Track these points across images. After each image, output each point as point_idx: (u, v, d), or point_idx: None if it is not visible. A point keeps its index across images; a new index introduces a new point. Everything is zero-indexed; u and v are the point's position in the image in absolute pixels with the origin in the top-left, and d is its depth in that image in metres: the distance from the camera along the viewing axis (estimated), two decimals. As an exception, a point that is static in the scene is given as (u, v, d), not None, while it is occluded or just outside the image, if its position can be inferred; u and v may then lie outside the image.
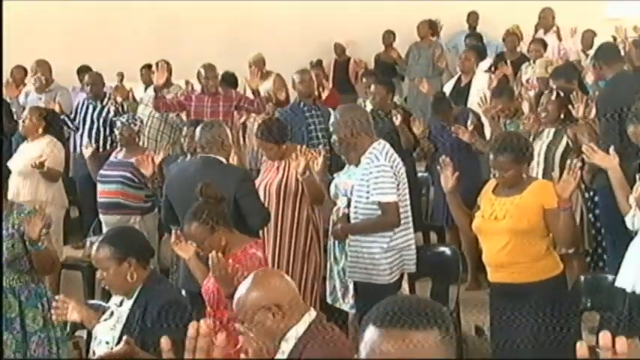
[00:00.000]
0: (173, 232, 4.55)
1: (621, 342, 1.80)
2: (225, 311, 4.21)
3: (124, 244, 3.78)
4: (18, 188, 6.80)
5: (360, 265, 4.92)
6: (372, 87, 7.52)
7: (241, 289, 3.08)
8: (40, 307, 4.79)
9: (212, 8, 11.05)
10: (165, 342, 2.02)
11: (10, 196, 5.86)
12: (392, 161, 4.84)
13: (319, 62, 11.13)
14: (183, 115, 8.16)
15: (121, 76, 9.72)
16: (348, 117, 4.92)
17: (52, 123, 7.31)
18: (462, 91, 8.36)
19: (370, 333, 1.99)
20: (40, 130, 7.10)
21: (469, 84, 8.40)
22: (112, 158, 6.76)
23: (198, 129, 5.35)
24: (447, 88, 8.61)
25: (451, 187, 4.70)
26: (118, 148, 6.84)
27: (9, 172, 5.10)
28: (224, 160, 5.22)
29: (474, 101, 7.88)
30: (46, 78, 9.28)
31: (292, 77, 7.54)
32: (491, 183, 4.65)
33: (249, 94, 8.24)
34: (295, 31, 11.47)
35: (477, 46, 9.55)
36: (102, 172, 6.65)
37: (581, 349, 1.84)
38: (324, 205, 5.97)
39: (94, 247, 3.82)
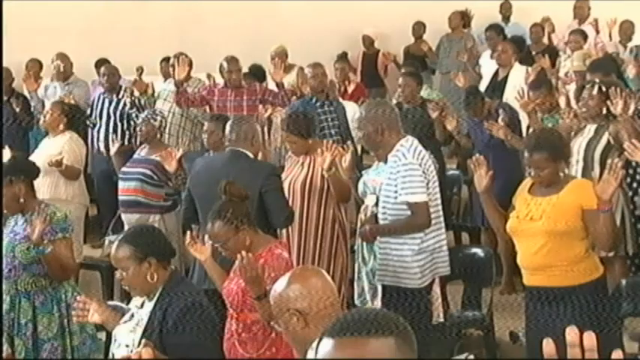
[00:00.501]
0: (188, 232, 4.56)
1: (590, 337, 1.74)
2: (250, 314, 4.22)
3: (144, 243, 3.78)
4: (37, 186, 6.80)
5: (389, 268, 4.90)
6: (401, 79, 7.53)
7: (274, 287, 3.10)
8: (56, 314, 4.77)
9: (235, -2, 11.09)
10: None
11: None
12: (420, 158, 4.81)
13: (344, 55, 11.10)
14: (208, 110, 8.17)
15: (141, 70, 9.74)
16: (374, 113, 4.90)
17: (75, 119, 7.35)
18: (498, 86, 8.30)
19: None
20: (62, 126, 7.13)
21: (506, 78, 8.33)
22: (135, 155, 6.80)
23: (228, 123, 5.42)
24: (485, 82, 8.55)
25: (484, 186, 4.66)
26: (143, 145, 6.86)
27: (38, 170, 5.11)
28: (252, 156, 5.27)
29: (510, 96, 7.84)
30: (66, 69, 9.31)
31: (305, 71, 7.52)
32: (527, 182, 4.62)
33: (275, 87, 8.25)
34: (321, 23, 11.44)
35: (515, 38, 9.48)
36: (123, 168, 6.70)
37: (616, 356, 1.81)
38: (351, 204, 5.99)
39: (114, 246, 3.82)
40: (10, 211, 4.88)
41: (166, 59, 9.16)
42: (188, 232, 4.56)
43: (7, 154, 7.08)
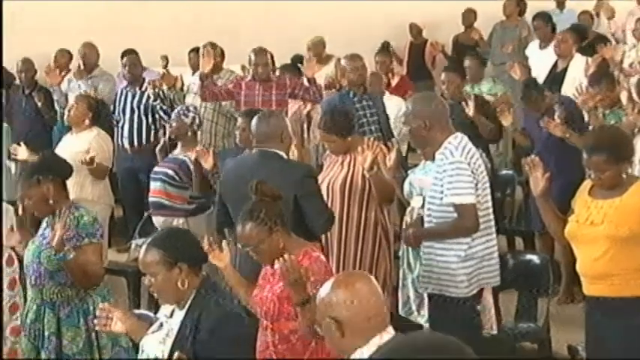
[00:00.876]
0: (205, 239, 4.53)
1: None
2: (288, 322, 4.21)
3: (174, 247, 3.76)
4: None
5: (433, 275, 4.87)
6: (443, 75, 7.52)
7: (320, 291, 3.11)
8: (82, 327, 4.75)
9: (271, -15, 11.10)
10: None
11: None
12: (469, 157, 4.77)
13: (386, 46, 11.05)
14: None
15: (166, 60, 9.75)
16: (421, 107, 4.87)
17: (100, 114, 7.39)
18: (558, 78, 8.20)
19: None
20: (87, 122, 7.18)
21: (566, 69, 8.23)
22: (170, 154, 6.82)
23: (254, 120, 5.37)
24: (543, 74, 8.45)
25: (541, 190, 4.60)
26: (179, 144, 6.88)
27: (70, 169, 5.09)
28: (284, 155, 5.23)
29: (569, 89, 7.75)
30: (90, 61, 9.37)
31: (342, 63, 7.49)
32: (587, 183, 4.56)
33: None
34: (363, 10, 11.42)
35: (576, 26, 9.36)
36: (155, 168, 6.74)
37: None
38: (395, 205, 5.95)
39: (141, 250, 3.80)
40: (40, 213, 4.88)
41: (196, 50, 9.16)
42: (206, 238, 4.53)
43: (23, 151, 7.17)
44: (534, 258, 5.94)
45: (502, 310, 5.77)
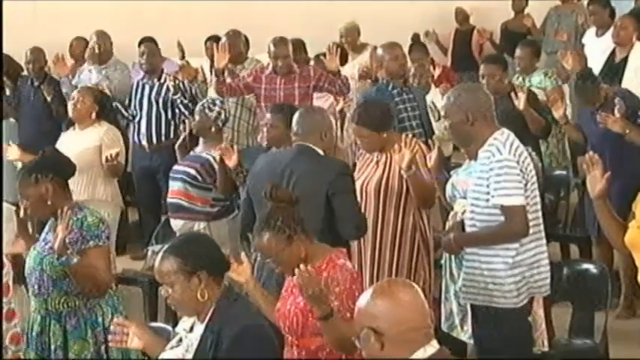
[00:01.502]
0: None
1: None
2: (314, 338, 4.20)
3: (193, 254, 3.77)
4: (72, 186, 6.89)
5: (478, 285, 4.84)
6: (482, 68, 7.50)
7: (360, 299, 3.15)
8: (90, 340, 4.75)
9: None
10: None
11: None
12: (518, 155, 4.74)
13: (416, 40, 10.98)
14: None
15: (182, 49, 9.72)
16: (464, 99, 4.82)
17: (106, 108, 7.41)
18: (616, 69, 8.13)
19: None
20: (94, 116, 7.21)
21: (625, 59, 8.15)
22: (191, 152, 6.84)
23: (296, 115, 5.46)
24: (599, 64, 8.38)
25: (599, 191, 4.57)
26: (201, 140, 6.88)
27: (73, 168, 5.09)
28: (320, 152, 5.29)
29: (628, 83, 7.68)
30: (104, 50, 9.41)
31: (379, 53, 7.45)
32: (650, 186, 4.53)
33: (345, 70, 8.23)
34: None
35: (638, 12, 9.25)
36: (174, 166, 6.77)
37: None
38: (436, 209, 5.91)
39: (157, 258, 3.81)
40: (38, 214, 4.90)
41: (214, 38, 9.14)
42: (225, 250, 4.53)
43: (13, 151, 7.21)
44: (591, 267, 5.91)
45: (555, 325, 5.76)
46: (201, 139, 6.75)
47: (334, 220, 5.09)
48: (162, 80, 8.41)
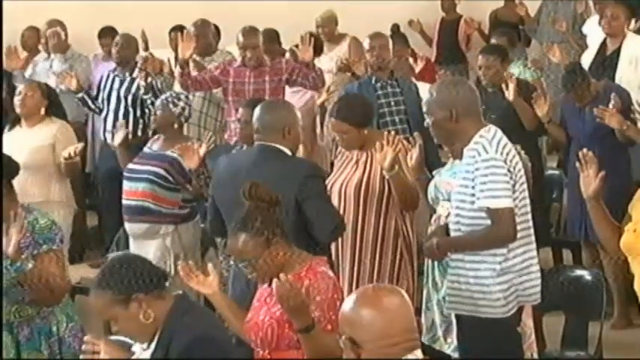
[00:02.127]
0: (181, 264, 4.54)
1: None
2: (289, 351, 4.21)
3: (121, 280, 3.80)
4: (24, 187, 6.87)
5: (463, 294, 4.84)
6: (481, 58, 7.53)
7: (344, 303, 3.18)
8: (45, 351, 4.75)
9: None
10: None
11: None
12: (505, 154, 4.74)
13: (395, 31, 11.02)
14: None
15: (145, 40, 9.73)
16: (447, 95, 4.83)
17: (55, 103, 7.41)
18: (607, 61, 8.19)
19: None
20: (42, 112, 7.21)
21: (617, 51, 8.22)
22: (145, 148, 6.85)
23: (256, 110, 5.37)
24: (588, 57, 8.45)
25: (594, 191, 4.63)
26: (155, 136, 6.91)
27: (16, 167, 5.09)
28: (287, 152, 5.24)
29: (624, 75, 7.75)
30: (62, 42, 9.41)
31: (365, 45, 7.51)
32: (647, 187, 4.59)
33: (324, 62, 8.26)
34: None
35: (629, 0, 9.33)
36: (130, 165, 6.74)
37: None
38: (419, 213, 5.96)
39: (90, 297, 3.86)
40: None
41: (179, 28, 9.16)
42: (181, 263, 4.54)
43: None
44: (585, 274, 5.93)
45: (546, 336, 5.80)
46: (160, 137, 6.77)
47: (306, 226, 5.05)
48: (134, 75, 8.44)
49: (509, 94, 7.21)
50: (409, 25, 11.73)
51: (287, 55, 8.92)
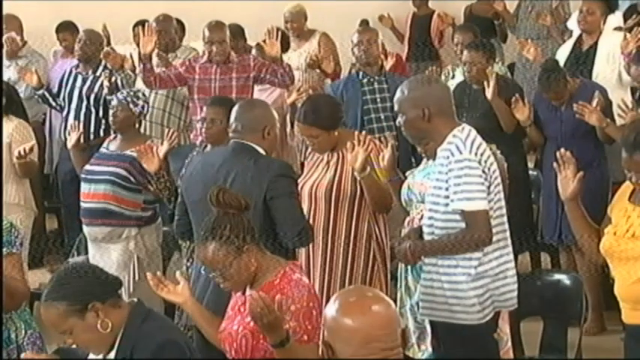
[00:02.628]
0: (149, 275, 4.51)
1: None
2: None
3: (76, 289, 3.80)
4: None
5: (437, 299, 4.85)
6: (465, 54, 7.51)
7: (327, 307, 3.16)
8: (7, 356, 4.74)
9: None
10: None
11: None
12: (480, 154, 4.75)
13: (364, 24, 11.03)
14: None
15: (107, 35, 9.69)
16: (419, 93, 4.83)
17: (14, 101, 7.36)
18: (583, 58, 8.22)
19: None
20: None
21: (594, 48, 8.25)
22: (102, 149, 6.83)
23: (235, 108, 5.41)
24: (563, 54, 8.48)
25: (571, 193, 4.65)
26: (112, 136, 6.88)
27: None
28: (261, 151, 5.26)
29: (600, 71, 7.78)
30: (19, 39, 9.36)
31: (354, 39, 7.51)
32: (627, 188, 4.60)
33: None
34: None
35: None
36: (87, 167, 6.70)
37: None
38: (393, 216, 5.96)
39: (42, 309, 3.84)
40: None
41: (143, 23, 9.13)
42: (149, 275, 4.51)
43: None
44: (563, 278, 5.95)
45: (524, 342, 5.80)
46: (118, 136, 6.74)
47: (274, 228, 5.06)
48: (97, 74, 8.39)
49: (489, 92, 7.21)
50: (379, 20, 11.72)
51: (253, 51, 8.89)
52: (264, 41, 8.18)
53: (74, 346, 3.86)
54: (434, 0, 11.83)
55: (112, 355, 3.80)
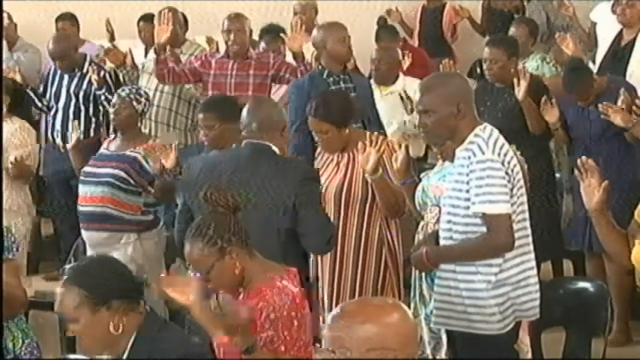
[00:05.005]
0: (162, 275, 4.52)
1: None
2: None
3: (100, 281, 3.79)
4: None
5: (455, 308, 4.85)
6: (487, 50, 7.47)
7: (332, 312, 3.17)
8: None
9: None
10: None
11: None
12: (503, 155, 4.74)
13: (382, 24, 11.03)
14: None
15: (110, 30, 9.71)
16: (452, 88, 4.80)
17: (20, 100, 7.36)
18: (619, 54, 8.14)
19: None
20: (4, 109, 7.17)
21: (633, 42, 8.16)
22: (102, 149, 6.83)
23: (246, 107, 5.43)
24: (602, 50, 8.41)
25: (597, 203, 4.61)
26: (112, 136, 6.87)
27: None
28: (277, 151, 5.30)
29: (635, 69, 7.79)
30: (10, 32, 9.37)
31: (320, 35, 7.44)
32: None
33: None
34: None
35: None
36: (85, 169, 6.72)
37: None
38: (405, 220, 5.94)
39: (58, 290, 3.82)
40: None
41: (148, 17, 9.14)
42: (162, 275, 4.52)
43: None
44: (588, 286, 5.94)
45: (545, 353, 5.78)
46: (118, 136, 6.76)
47: (296, 233, 5.10)
48: (84, 70, 8.38)
49: (520, 92, 7.17)
50: (387, 14, 11.69)
51: (261, 45, 8.86)
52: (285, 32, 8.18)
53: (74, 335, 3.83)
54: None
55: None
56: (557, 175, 7.95)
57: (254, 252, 4.32)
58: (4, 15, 9.41)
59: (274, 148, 5.26)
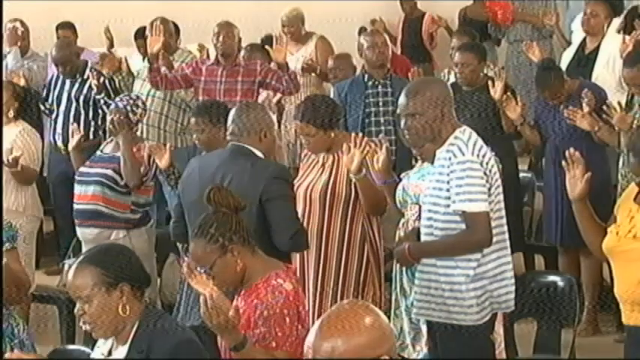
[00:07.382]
0: (185, 260, 4.50)
1: None
2: None
3: (115, 264, 3.79)
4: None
5: (435, 300, 4.84)
6: (458, 55, 7.51)
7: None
8: (7, 355, 4.64)
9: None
10: None
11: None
12: (482, 156, 4.74)
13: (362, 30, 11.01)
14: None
15: (110, 37, 9.68)
16: (437, 92, 4.77)
17: (29, 105, 7.33)
18: (584, 61, 8.19)
19: None
20: (12, 113, 7.14)
21: (596, 50, 8.21)
22: (97, 152, 6.83)
23: (232, 111, 5.43)
24: (568, 56, 8.45)
25: (580, 192, 4.66)
26: (109, 139, 6.85)
27: None
28: (259, 153, 5.26)
29: (600, 73, 7.78)
30: (24, 40, 9.35)
31: (360, 41, 7.49)
32: (633, 189, 4.61)
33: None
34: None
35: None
36: (81, 169, 6.74)
37: None
38: (387, 217, 5.94)
39: (72, 270, 3.80)
40: None
41: (142, 30, 9.12)
42: (185, 260, 4.49)
43: None
44: (558, 280, 5.94)
45: (517, 344, 5.79)
46: (114, 139, 6.75)
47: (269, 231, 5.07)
48: (85, 76, 8.35)
49: (496, 92, 7.20)
50: (372, 24, 11.66)
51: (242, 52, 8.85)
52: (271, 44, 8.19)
53: (82, 315, 3.79)
54: (423, 0, 11.81)
55: (125, 349, 3.78)
56: (528, 175, 7.98)
57: (257, 250, 4.30)
58: (17, 22, 9.37)
59: (255, 150, 5.24)
